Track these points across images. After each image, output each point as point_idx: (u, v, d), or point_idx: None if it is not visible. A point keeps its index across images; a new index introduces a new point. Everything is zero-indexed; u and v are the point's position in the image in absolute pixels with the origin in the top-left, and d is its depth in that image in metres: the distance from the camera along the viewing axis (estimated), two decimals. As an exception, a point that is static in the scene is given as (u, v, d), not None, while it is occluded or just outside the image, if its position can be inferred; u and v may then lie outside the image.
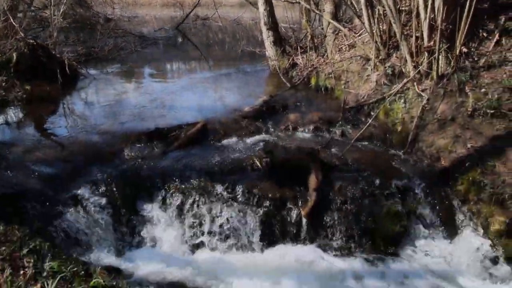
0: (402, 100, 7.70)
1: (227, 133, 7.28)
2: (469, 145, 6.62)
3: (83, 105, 9.19)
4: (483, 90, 7.04)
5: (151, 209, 5.77)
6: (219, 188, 5.81)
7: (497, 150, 6.40)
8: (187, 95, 9.87)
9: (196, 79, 11.65)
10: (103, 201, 5.65)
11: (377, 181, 6.10)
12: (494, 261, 5.71)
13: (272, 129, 7.62)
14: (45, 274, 3.42)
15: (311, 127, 7.62)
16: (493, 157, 6.32)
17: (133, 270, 5.00)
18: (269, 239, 5.59)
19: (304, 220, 5.67)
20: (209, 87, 10.65)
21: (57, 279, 3.31)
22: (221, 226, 5.56)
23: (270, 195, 5.77)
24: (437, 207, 6.14)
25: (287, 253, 5.44)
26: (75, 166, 6.21)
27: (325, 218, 5.74)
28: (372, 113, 7.83)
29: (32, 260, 3.59)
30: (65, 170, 6.10)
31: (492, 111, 6.73)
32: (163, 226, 5.66)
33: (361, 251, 5.61)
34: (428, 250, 5.78)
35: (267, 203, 5.70)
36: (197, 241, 5.57)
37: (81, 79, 10.78)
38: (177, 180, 5.95)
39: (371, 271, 5.27)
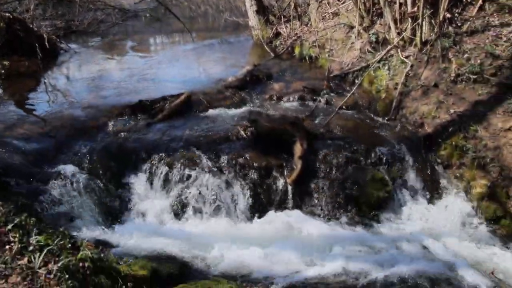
0: (386, 67, 7.69)
1: (211, 103, 7.24)
2: (452, 111, 6.68)
3: (64, 79, 9.06)
4: (466, 55, 7.06)
5: (137, 181, 5.77)
6: (204, 159, 5.83)
7: (480, 115, 6.48)
8: (170, 67, 9.75)
9: (179, 51, 11.50)
10: (88, 175, 5.64)
11: (362, 148, 6.16)
12: (476, 223, 5.85)
13: (257, 99, 7.59)
14: (31, 248, 3.39)
15: (296, 96, 7.60)
16: (476, 122, 6.41)
17: (120, 242, 5.01)
18: (256, 207, 5.63)
19: (290, 188, 5.73)
20: (193, 58, 10.52)
21: (44, 252, 3.29)
22: (207, 196, 5.59)
23: (255, 164, 5.80)
24: (421, 173, 6.24)
25: (273, 220, 5.49)
26: (59, 141, 6.17)
27: (310, 186, 5.81)
28: (356, 81, 7.83)
29: (17, 235, 3.55)
30: (48, 146, 6.06)
31: (474, 77, 6.77)
32: (149, 198, 5.67)
33: (347, 217, 5.69)
34: (412, 215, 5.89)
35: (252, 172, 5.75)
36: (184, 211, 5.59)
37: (61, 54, 10.56)
38: (162, 152, 5.94)
39: (356, 236, 5.35)
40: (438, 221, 5.84)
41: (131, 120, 6.75)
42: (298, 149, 5.87)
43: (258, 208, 5.64)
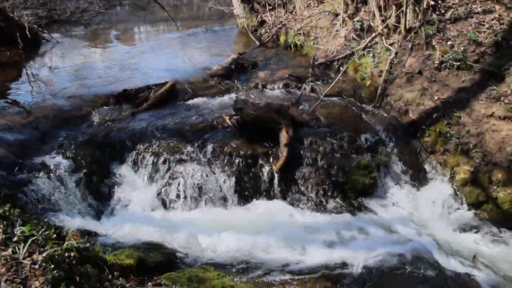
0: (371, 55, 7.72)
1: (196, 92, 7.22)
2: (436, 98, 6.74)
3: (47, 69, 8.92)
4: (449, 43, 7.12)
5: (123, 171, 5.76)
6: (190, 147, 5.81)
7: (463, 101, 6.56)
8: (154, 56, 9.67)
9: (164, 40, 11.40)
10: (73, 165, 5.59)
11: (347, 136, 6.20)
12: (460, 208, 5.95)
13: (242, 87, 7.58)
14: (15, 239, 3.35)
15: (281, 84, 7.60)
16: (459, 109, 6.49)
17: (107, 232, 4.99)
18: (242, 196, 5.64)
19: (276, 176, 5.74)
20: (177, 47, 10.45)
21: (28, 243, 3.26)
22: (193, 184, 5.58)
23: (241, 152, 5.80)
24: (406, 159, 6.31)
25: (260, 208, 5.51)
26: (42, 132, 6.10)
27: (296, 173, 5.82)
28: (341, 69, 7.84)
29: (1, 226, 3.52)
30: (32, 136, 5.99)
31: (458, 64, 6.85)
32: (135, 187, 5.65)
33: (333, 204, 5.73)
34: (397, 201, 5.96)
35: (238, 160, 5.74)
36: (171, 200, 5.58)
37: (43, 43, 10.43)
38: (147, 141, 5.91)
39: (342, 223, 5.38)
40: (423, 206, 5.92)
41: (115, 109, 6.71)
42: (283, 136, 5.87)
43: (244, 197, 5.65)
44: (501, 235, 5.51)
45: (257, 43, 9.77)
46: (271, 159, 5.83)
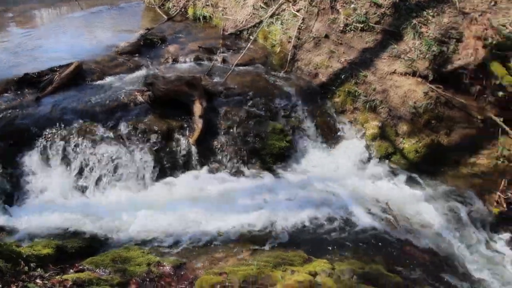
0: (279, 22, 7.81)
1: (105, 71, 6.90)
2: (343, 59, 7.01)
3: None
4: (352, 6, 7.35)
5: (32, 159, 5.39)
6: (102, 129, 5.60)
7: (368, 61, 6.90)
8: (57, 37, 9.12)
9: (66, 20, 10.76)
10: (-26, 158, 5.21)
11: (261, 102, 6.29)
12: (371, 162, 6.31)
13: (152, 63, 7.35)
14: None
15: (192, 57, 7.48)
16: (365, 68, 6.84)
17: (20, 225, 4.75)
18: (160, 172, 5.56)
19: (193, 148, 5.72)
20: (81, 27, 9.91)
21: None
22: (109, 165, 5.40)
23: (156, 128, 5.70)
24: (319, 120, 6.55)
25: (179, 182, 5.48)
26: None
27: (213, 143, 5.86)
28: (251, 38, 7.88)
29: None
30: None
31: (361, 26, 7.13)
32: (47, 175, 5.34)
33: (251, 169, 5.84)
34: (313, 161, 6.20)
35: (153, 136, 5.64)
36: (86, 184, 5.37)
37: None
38: (56, 125, 5.60)
39: (261, 187, 5.52)
40: (337, 164, 6.23)
41: (17, 95, 6.23)
42: (197, 108, 5.85)
43: (162, 172, 5.57)
44: (409, 181, 5.94)
45: (165, 17, 9.51)
46: (187, 132, 5.80)
